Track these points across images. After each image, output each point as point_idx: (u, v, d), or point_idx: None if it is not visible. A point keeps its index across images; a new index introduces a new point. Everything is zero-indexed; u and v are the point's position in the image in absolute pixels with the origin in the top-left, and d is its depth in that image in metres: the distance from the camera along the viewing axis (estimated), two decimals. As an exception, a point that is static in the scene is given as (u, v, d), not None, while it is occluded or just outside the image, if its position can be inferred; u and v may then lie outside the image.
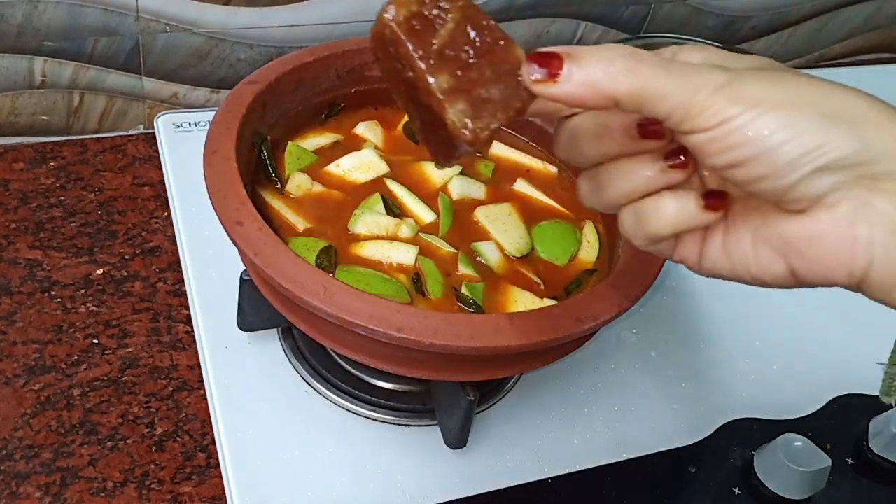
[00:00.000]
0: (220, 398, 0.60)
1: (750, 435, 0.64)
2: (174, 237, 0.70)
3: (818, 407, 0.67)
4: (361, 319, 0.47)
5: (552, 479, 0.59)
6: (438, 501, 0.57)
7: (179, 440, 0.59)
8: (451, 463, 0.59)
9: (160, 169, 0.75)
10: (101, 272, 0.69)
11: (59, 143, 0.78)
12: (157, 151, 0.77)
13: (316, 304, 0.48)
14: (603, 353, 0.68)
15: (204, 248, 0.68)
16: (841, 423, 0.66)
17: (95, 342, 0.64)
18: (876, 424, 0.65)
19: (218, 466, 0.58)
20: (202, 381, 0.61)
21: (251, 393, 0.61)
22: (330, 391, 0.61)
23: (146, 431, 0.59)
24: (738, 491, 0.61)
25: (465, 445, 0.59)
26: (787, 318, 0.74)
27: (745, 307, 0.73)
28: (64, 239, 0.70)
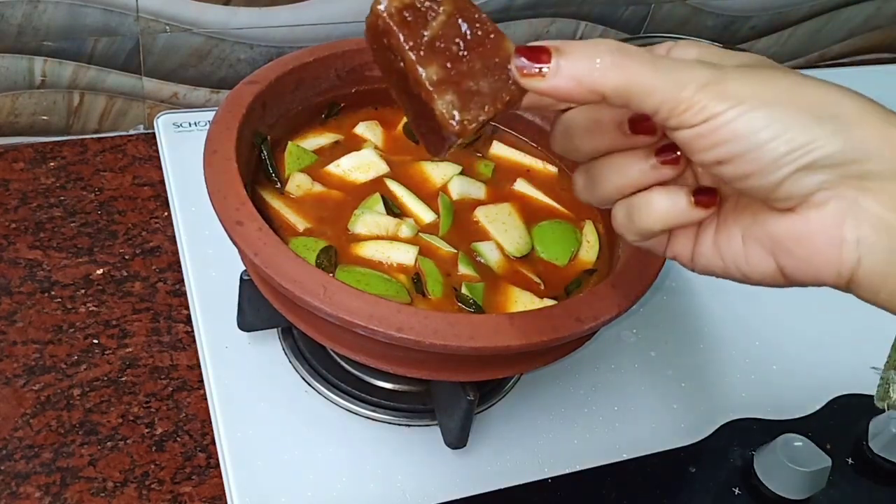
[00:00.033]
0: (220, 398, 0.60)
1: (750, 435, 0.64)
2: (174, 237, 0.70)
3: (818, 407, 0.67)
4: (361, 319, 0.47)
5: (552, 479, 0.59)
6: (438, 501, 0.57)
7: (179, 440, 0.59)
8: (451, 463, 0.59)
9: (160, 169, 0.75)
10: (101, 272, 0.69)
11: (59, 143, 0.78)
12: (157, 151, 0.77)
13: (316, 304, 0.48)
14: (603, 353, 0.68)
15: (204, 248, 0.68)
16: (841, 423, 0.66)
17: (95, 342, 0.64)
18: (876, 424, 0.65)
19: (218, 466, 0.58)
20: (202, 381, 0.61)
21: (251, 393, 0.61)
22: (330, 391, 0.61)
23: (146, 431, 0.59)
24: (738, 491, 0.61)
25: (465, 445, 0.59)
26: (787, 318, 0.74)
27: (745, 307, 0.74)
28: (64, 239, 0.70)
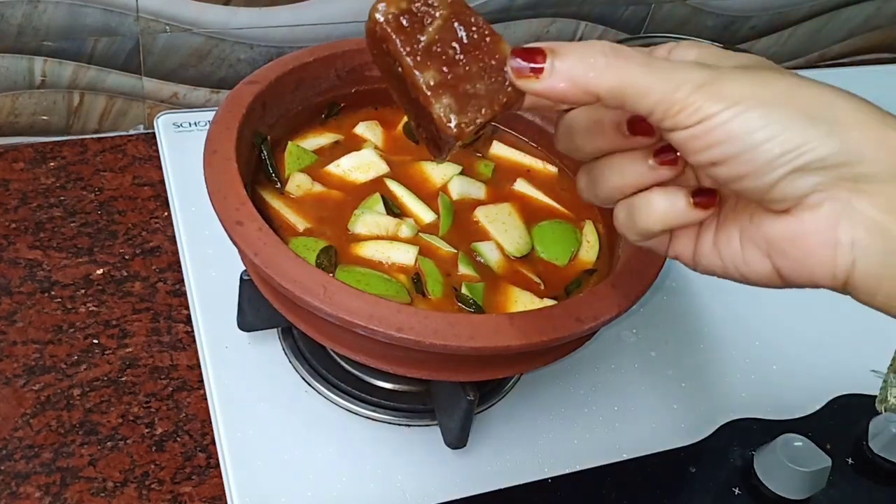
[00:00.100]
0: (220, 398, 0.60)
1: (750, 435, 0.64)
2: (174, 237, 0.70)
3: (818, 407, 0.67)
4: (361, 319, 0.47)
5: (552, 479, 0.59)
6: (438, 501, 0.57)
7: (179, 440, 0.59)
8: (451, 463, 0.59)
9: (160, 169, 0.75)
10: (101, 272, 0.69)
11: (59, 143, 0.78)
12: (157, 151, 0.77)
13: (316, 304, 0.48)
14: (603, 353, 0.68)
15: (204, 248, 0.68)
16: (841, 423, 0.66)
17: (95, 342, 0.64)
18: (876, 424, 0.65)
19: (218, 466, 0.58)
20: (202, 381, 0.61)
21: (251, 393, 0.61)
22: (330, 391, 0.61)
23: (146, 431, 0.59)
24: (738, 491, 0.61)
25: (465, 445, 0.59)
26: (787, 318, 0.74)
27: (745, 307, 0.74)
28: (64, 239, 0.70)
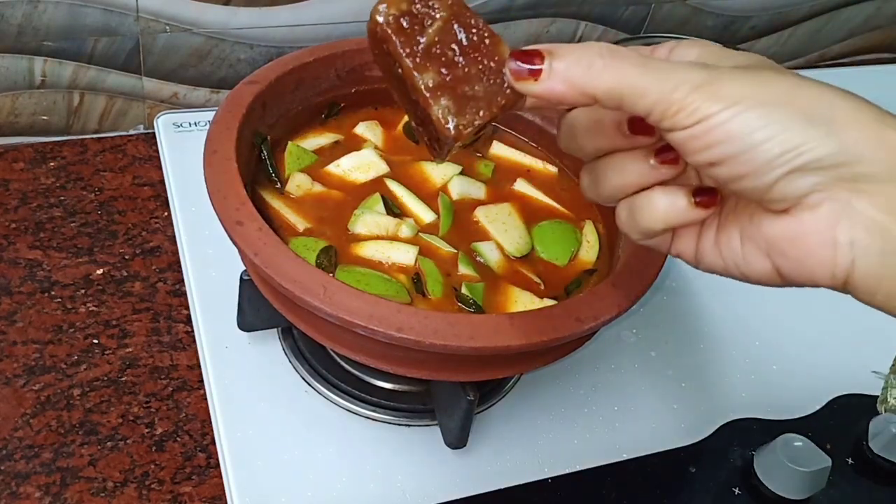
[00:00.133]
0: (220, 398, 0.60)
1: (750, 435, 0.64)
2: (174, 237, 0.70)
3: (818, 407, 0.67)
4: (361, 319, 0.47)
5: (552, 479, 0.59)
6: (438, 501, 0.57)
7: (179, 440, 0.59)
8: (451, 463, 0.59)
9: (160, 169, 0.75)
10: (101, 272, 0.69)
11: (59, 143, 0.78)
12: (157, 151, 0.77)
13: (316, 304, 0.48)
14: (603, 353, 0.68)
15: (204, 248, 0.68)
16: (841, 423, 0.66)
17: (95, 342, 0.64)
18: (876, 424, 0.65)
19: (218, 466, 0.58)
20: (202, 381, 0.61)
21: (251, 393, 0.61)
22: (330, 391, 0.61)
23: (146, 431, 0.59)
24: (738, 491, 0.61)
25: (465, 445, 0.59)
26: (787, 318, 0.74)
27: (745, 307, 0.74)
28: (64, 239, 0.70)
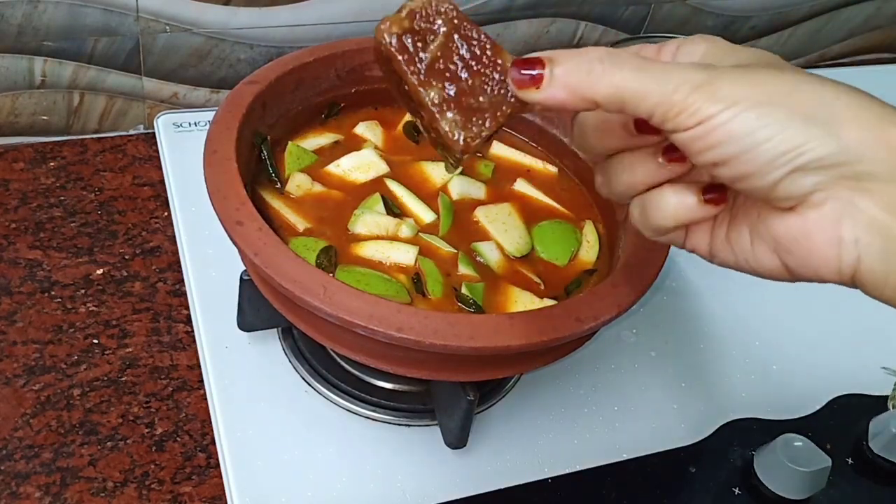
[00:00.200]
0: (220, 398, 0.60)
1: (750, 435, 0.64)
2: (174, 237, 0.70)
3: (818, 407, 0.67)
4: (361, 319, 0.47)
5: (552, 479, 0.59)
6: (438, 501, 0.57)
7: (179, 440, 0.59)
8: (451, 463, 0.59)
9: (160, 169, 0.75)
10: (101, 272, 0.69)
11: (59, 143, 0.78)
12: (157, 151, 0.77)
13: (316, 304, 0.48)
14: (603, 353, 0.68)
15: (204, 248, 0.68)
16: (841, 423, 0.66)
17: (95, 342, 0.64)
18: (876, 424, 0.65)
19: (218, 466, 0.58)
20: (202, 381, 0.61)
21: (251, 393, 0.61)
22: (330, 391, 0.61)
23: (146, 431, 0.59)
24: (738, 491, 0.61)
25: (465, 445, 0.59)
26: (787, 318, 0.74)
27: (745, 307, 0.74)
28: (64, 239, 0.70)
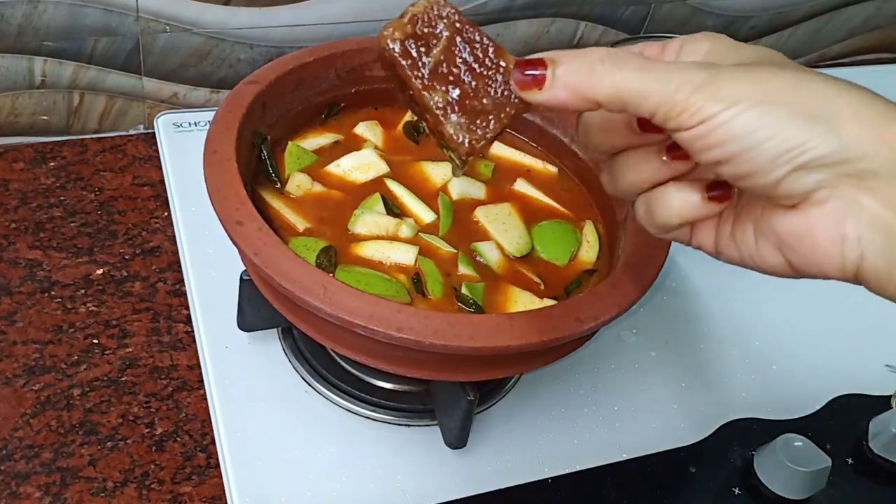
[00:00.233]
0: (220, 398, 0.60)
1: (750, 435, 0.64)
2: (174, 237, 0.70)
3: (818, 407, 0.67)
4: (361, 319, 0.47)
5: (552, 479, 0.59)
6: (438, 501, 0.57)
7: (179, 440, 0.59)
8: (451, 463, 0.59)
9: (160, 169, 0.75)
10: (101, 272, 0.69)
11: (59, 143, 0.78)
12: (157, 151, 0.77)
13: (316, 304, 0.48)
14: (603, 353, 0.68)
15: (204, 248, 0.68)
16: (841, 423, 0.66)
17: (95, 342, 0.64)
18: (876, 424, 0.65)
19: (218, 466, 0.58)
20: (202, 381, 0.61)
21: (251, 393, 0.61)
22: (330, 391, 0.61)
23: (146, 431, 0.59)
24: (738, 491, 0.61)
25: (465, 445, 0.59)
26: (787, 318, 0.74)
27: (745, 307, 0.74)
28: (64, 239, 0.70)
